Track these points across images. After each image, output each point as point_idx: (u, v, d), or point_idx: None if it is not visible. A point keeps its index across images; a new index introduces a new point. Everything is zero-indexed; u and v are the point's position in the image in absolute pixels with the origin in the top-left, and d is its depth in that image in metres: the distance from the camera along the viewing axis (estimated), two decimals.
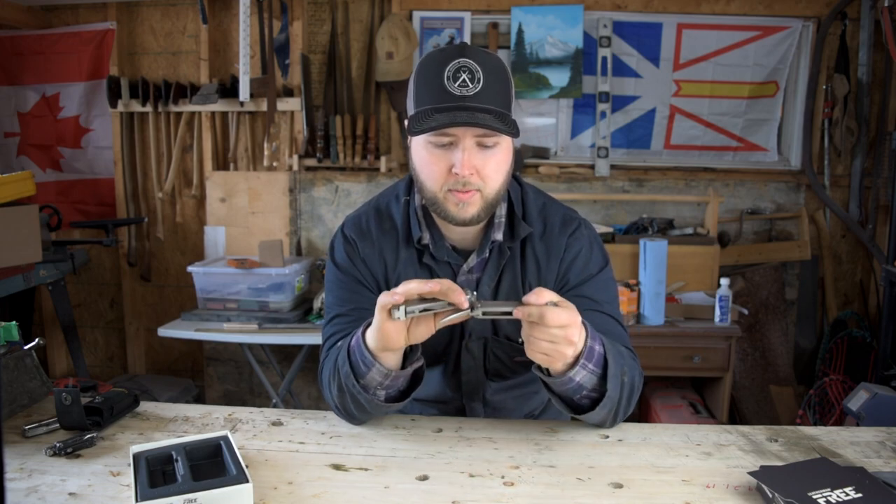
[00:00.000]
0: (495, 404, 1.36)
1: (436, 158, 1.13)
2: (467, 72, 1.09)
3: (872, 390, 1.58)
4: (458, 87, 1.08)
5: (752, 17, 3.11)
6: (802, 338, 3.28)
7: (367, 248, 1.28)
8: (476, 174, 1.12)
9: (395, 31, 3.03)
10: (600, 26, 3.14)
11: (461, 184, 1.12)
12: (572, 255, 1.25)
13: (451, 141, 1.11)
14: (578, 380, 1.07)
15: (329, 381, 1.19)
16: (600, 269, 1.26)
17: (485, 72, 1.09)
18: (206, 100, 3.20)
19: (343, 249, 1.30)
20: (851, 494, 0.91)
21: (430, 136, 1.12)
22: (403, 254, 1.27)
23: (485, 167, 1.13)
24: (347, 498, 0.97)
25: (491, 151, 1.13)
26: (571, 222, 1.28)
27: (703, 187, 3.21)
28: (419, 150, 1.16)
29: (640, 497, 0.98)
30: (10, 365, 1.26)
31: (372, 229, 1.29)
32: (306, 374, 3.37)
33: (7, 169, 3.44)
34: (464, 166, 1.10)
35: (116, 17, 3.30)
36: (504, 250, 1.25)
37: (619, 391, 1.11)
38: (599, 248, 1.29)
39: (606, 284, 1.27)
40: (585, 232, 1.28)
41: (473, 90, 1.08)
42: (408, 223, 1.27)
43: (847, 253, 3.27)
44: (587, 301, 1.21)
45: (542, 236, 1.26)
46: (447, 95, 1.08)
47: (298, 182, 3.29)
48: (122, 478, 1.00)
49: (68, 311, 2.91)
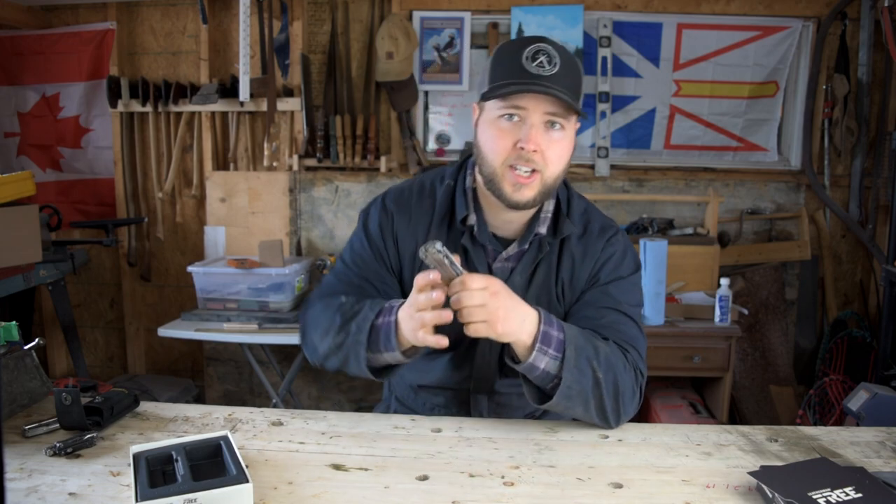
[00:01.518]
0: (501, 400, 1.36)
1: (503, 133, 1.16)
2: (545, 55, 1.13)
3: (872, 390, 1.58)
4: (535, 67, 1.12)
5: (752, 17, 3.11)
6: (802, 338, 3.28)
7: (403, 222, 1.30)
8: (540, 154, 1.15)
9: (395, 31, 3.03)
10: (600, 26, 3.14)
11: (524, 159, 1.14)
12: (606, 256, 1.28)
13: (521, 117, 1.14)
14: (542, 367, 1.10)
15: (322, 329, 1.21)
16: (629, 274, 1.29)
17: (561, 58, 1.13)
18: (206, 100, 3.19)
19: (378, 218, 1.32)
20: (851, 494, 0.91)
21: (502, 110, 1.15)
22: (440, 234, 1.28)
23: (549, 148, 1.16)
24: (347, 498, 0.97)
25: (557, 135, 1.16)
26: (610, 229, 1.32)
27: (703, 187, 3.21)
28: (488, 126, 1.19)
29: (640, 497, 0.98)
30: (10, 365, 1.26)
31: (412, 204, 1.32)
32: (306, 374, 3.37)
33: (7, 169, 3.44)
34: (530, 140, 1.13)
35: (116, 17, 3.30)
36: (544, 245, 1.27)
37: (590, 384, 1.11)
38: (633, 256, 1.32)
39: (632, 289, 1.29)
40: (622, 239, 1.32)
41: (550, 71, 1.12)
42: (449, 204, 1.29)
43: (847, 253, 3.27)
44: (610, 299, 1.24)
45: (581, 237, 1.29)
46: (524, 72, 1.12)
47: (298, 182, 3.29)
48: (122, 478, 1.00)
49: (68, 311, 2.91)
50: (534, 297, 1.27)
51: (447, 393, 1.37)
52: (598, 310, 1.23)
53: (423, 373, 1.37)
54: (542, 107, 1.13)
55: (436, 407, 1.40)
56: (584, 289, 1.28)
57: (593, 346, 1.14)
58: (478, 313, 1.04)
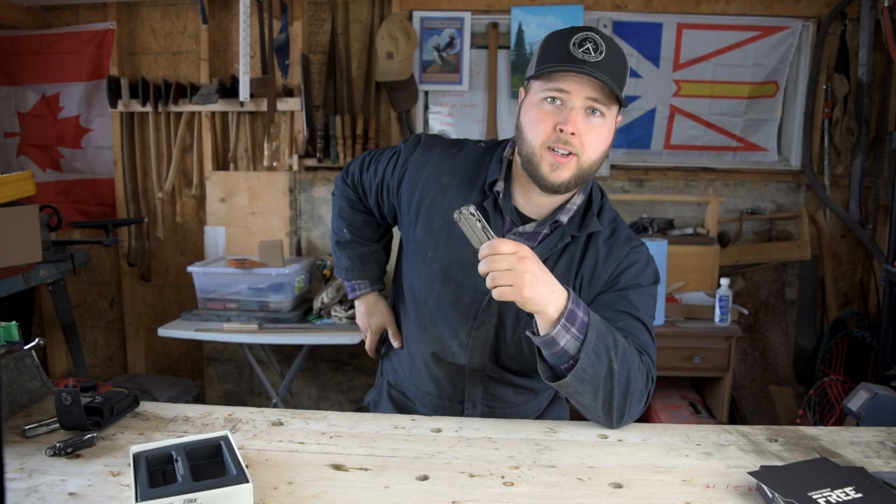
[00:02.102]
0: (496, 392, 1.36)
1: (545, 115, 1.18)
2: (592, 42, 1.15)
3: (872, 390, 1.58)
4: (581, 52, 1.14)
5: (752, 17, 3.11)
6: (802, 338, 3.28)
7: (423, 154, 1.37)
8: (578, 137, 1.16)
9: (395, 31, 3.03)
10: (600, 26, 3.14)
11: (563, 142, 1.16)
12: (629, 262, 1.30)
13: (563, 101, 1.16)
14: (562, 344, 1.09)
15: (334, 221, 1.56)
16: (649, 284, 1.31)
17: (608, 48, 1.15)
18: (206, 100, 3.19)
19: (411, 145, 1.40)
20: (851, 494, 0.91)
21: (545, 92, 1.17)
22: (460, 190, 1.32)
23: (587, 133, 1.17)
24: (347, 498, 0.97)
25: (597, 121, 1.17)
26: (636, 239, 1.34)
27: (703, 187, 3.21)
28: (531, 108, 1.21)
29: (640, 497, 0.98)
30: (10, 365, 1.26)
31: (437, 147, 1.38)
32: (306, 374, 3.37)
33: (7, 169, 3.44)
34: (569, 122, 1.15)
35: (116, 17, 3.30)
36: (565, 235, 1.28)
37: (604, 372, 1.11)
38: (654, 269, 1.34)
39: (650, 300, 1.31)
40: (646, 252, 1.34)
41: (596, 58, 1.14)
42: (477, 163, 1.33)
43: (847, 253, 3.27)
44: (628, 304, 1.25)
45: (607, 239, 1.31)
46: (570, 57, 1.14)
47: (298, 182, 3.29)
48: (122, 478, 1.00)
49: (68, 311, 2.91)
50: None
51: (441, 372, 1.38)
52: (615, 312, 1.24)
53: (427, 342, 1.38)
54: (584, 91, 1.15)
55: (428, 395, 1.41)
56: (602, 290, 1.29)
57: (614, 336, 1.14)
58: (505, 277, 1.05)
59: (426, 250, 1.32)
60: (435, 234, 1.31)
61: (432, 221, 1.31)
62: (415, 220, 1.34)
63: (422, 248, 1.33)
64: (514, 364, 1.33)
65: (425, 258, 1.32)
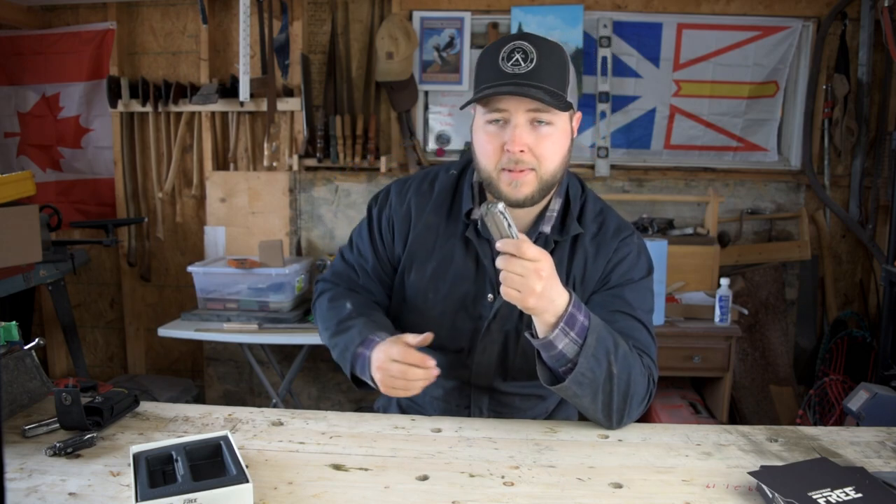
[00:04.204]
0: (503, 399, 1.36)
1: (490, 137, 1.16)
2: (521, 52, 1.12)
3: (872, 390, 1.59)
4: (510, 66, 1.11)
5: (752, 17, 3.11)
6: (802, 338, 3.28)
7: (398, 203, 1.34)
8: (529, 152, 1.14)
9: (395, 31, 3.03)
10: (600, 26, 3.14)
11: (514, 161, 1.14)
12: (619, 257, 1.27)
13: (505, 118, 1.14)
14: (560, 347, 1.09)
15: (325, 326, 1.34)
16: (642, 277, 1.29)
17: (539, 53, 1.12)
18: (206, 100, 3.19)
19: (379, 201, 1.39)
20: (851, 494, 0.91)
21: (486, 115, 1.15)
22: (445, 226, 1.30)
23: (539, 145, 1.14)
24: (347, 498, 0.97)
25: (545, 130, 1.15)
26: (625, 229, 1.31)
27: (703, 187, 3.21)
28: (477, 131, 1.20)
29: (640, 497, 0.98)
30: (10, 365, 1.26)
31: (410, 189, 1.35)
32: (306, 374, 3.37)
33: (7, 169, 3.44)
34: (514, 142, 1.12)
35: (116, 17, 3.30)
36: (550, 243, 1.26)
37: (603, 375, 1.11)
38: (647, 259, 1.31)
39: (644, 294, 1.29)
40: (636, 240, 1.31)
41: (526, 68, 1.11)
42: (451, 192, 1.32)
43: (847, 253, 3.27)
44: (623, 303, 1.24)
45: (594, 237, 1.28)
46: (500, 74, 1.12)
47: (298, 182, 3.29)
48: (122, 478, 1.00)
49: (68, 311, 2.90)
50: None
51: (447, 384, 1.37)
52: (610, 313, 1.22)
53: None
54: (522, 105, 1.12)
55: (435, 400, 1.40)
56: (595, 289, 1.28)
57: (615, 340, 1.13)
58: (516, 281, 1.03)
59: (426, 293, 1.32)
60: (432, 277, 1.31)
61: (427, 265, 1.31)
62: (410, 267, 1.34)
63: (421, 293, 1.33)
64: (521, 375, 1.33)
65: (426, 300, 1.32)
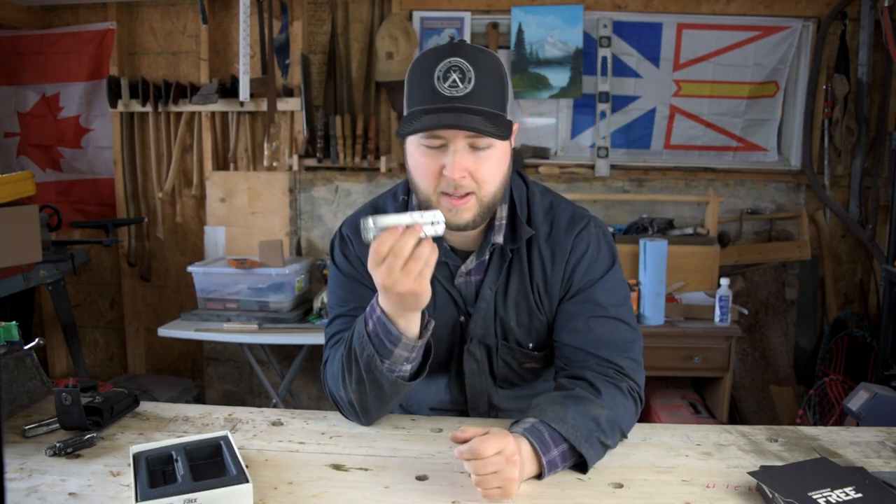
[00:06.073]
0: (503, 413, 1.34)
1: (428, 160, 1.10)
2: (458, 71, 1.05)
3: (872, 390, 1.59)
4: (448, 88, 1.05)
5: (752, 17, 3.11)
6: (802, 338, 3.28)
7: (361, 244, 1.25)
8: (469, 177, 1.09)
9: (395, 31, 3.03)
10: (600, 26, 3.14)
11: (453, 186, 1.08)
12: (577, 256, 1.21)
13: (443, 143, 1.08)
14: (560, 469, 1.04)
15: (340, 377, 1.14)
16: (606, 271, 1.22)
17: (477, 71, 1.06)
18: (206, 100, 3.19)
19: (340, 249, 1.30)
20: (851, 494, 0.91)
21: (422, 138, 1.09)
22: None
23: (478, 170, 1.09)
24: (347, 498, 0.97)
25: (485, 153, 1.09)
26: (579, 221, 1.23)
27: (703, 187, 3.21)
28: (413, 151, 1.13)
29: (640, 497, 0.98)
30: (10, 365, 1.26)
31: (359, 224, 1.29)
32: (306, 374, 3.37)
33: (7, 169, 3.44)
34: (454, 169, 1.07)
35: (116, 17, 3.30)
36: (506, 252, 1.22)
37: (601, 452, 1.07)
38: (608, 246, 1.24)
39: (614, 286, 1.22)
40: (593, 230, 1.24)
41: (464, 90, 1.05)
42: None
43: (847, 253, 3.27)
44: (592, 306, 1.19)
45: (548, 238, 1.23)
46: (437, 96, 1.06)
47: (298, 182, 3.30)
48: (122, 478, 1.00)
49: (68, 311, 2.90)
50: (513, 308, 1.24)
51: (449, 415, 1.35)
52: (585, 321, 1.18)
53: (422, 395, 1.36)
54: (461, 132, 1.06)
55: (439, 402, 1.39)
56: (562, 297, 1.23)
57: (593, 420, 1.06)
58: (492, 480, 0.94)
59: None
60: None
61: None
62: None
63: None
64: (516, 378, 1.32)
65: None
